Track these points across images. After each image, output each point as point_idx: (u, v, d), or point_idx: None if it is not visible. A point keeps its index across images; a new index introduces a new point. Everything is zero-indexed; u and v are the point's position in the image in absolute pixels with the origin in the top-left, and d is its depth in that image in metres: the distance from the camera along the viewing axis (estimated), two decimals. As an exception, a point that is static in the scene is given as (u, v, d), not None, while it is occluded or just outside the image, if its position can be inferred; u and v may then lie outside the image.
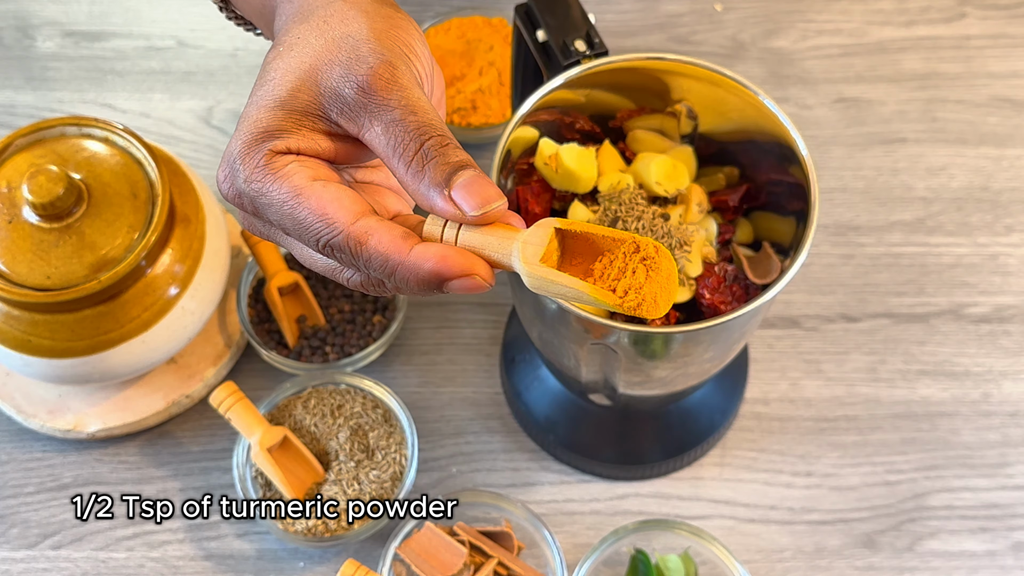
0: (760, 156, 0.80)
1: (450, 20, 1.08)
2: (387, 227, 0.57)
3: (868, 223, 1.02)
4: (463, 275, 0.56)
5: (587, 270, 0.56)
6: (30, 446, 0.94)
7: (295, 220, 0.57)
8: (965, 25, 1.12)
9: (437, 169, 0.56)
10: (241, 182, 0.58)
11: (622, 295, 0.55)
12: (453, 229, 0.57)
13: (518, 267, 0.56)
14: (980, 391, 0.95)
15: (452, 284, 0.57)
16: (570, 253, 0.57)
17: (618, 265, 0.56)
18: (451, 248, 0.56)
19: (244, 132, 0.58)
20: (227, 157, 0.58)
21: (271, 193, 0.57)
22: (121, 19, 1.13)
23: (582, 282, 0.55)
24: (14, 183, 0.84)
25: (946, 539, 0.89)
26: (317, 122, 0.58)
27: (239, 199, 0.59)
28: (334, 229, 0.56)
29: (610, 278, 0.56)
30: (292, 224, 0.57)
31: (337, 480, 0.88)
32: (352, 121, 0.58)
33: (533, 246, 0.56)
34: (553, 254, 0.56)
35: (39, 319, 0.84)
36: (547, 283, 0.55)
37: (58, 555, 0.89)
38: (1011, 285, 0.99)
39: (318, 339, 0.94)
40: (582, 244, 0.57)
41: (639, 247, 0.55)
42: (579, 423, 0.92)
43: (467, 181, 0.56)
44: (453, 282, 0.56)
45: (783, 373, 0.96)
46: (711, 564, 0.86)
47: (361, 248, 0.56)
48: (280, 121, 0.58)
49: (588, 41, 0.79)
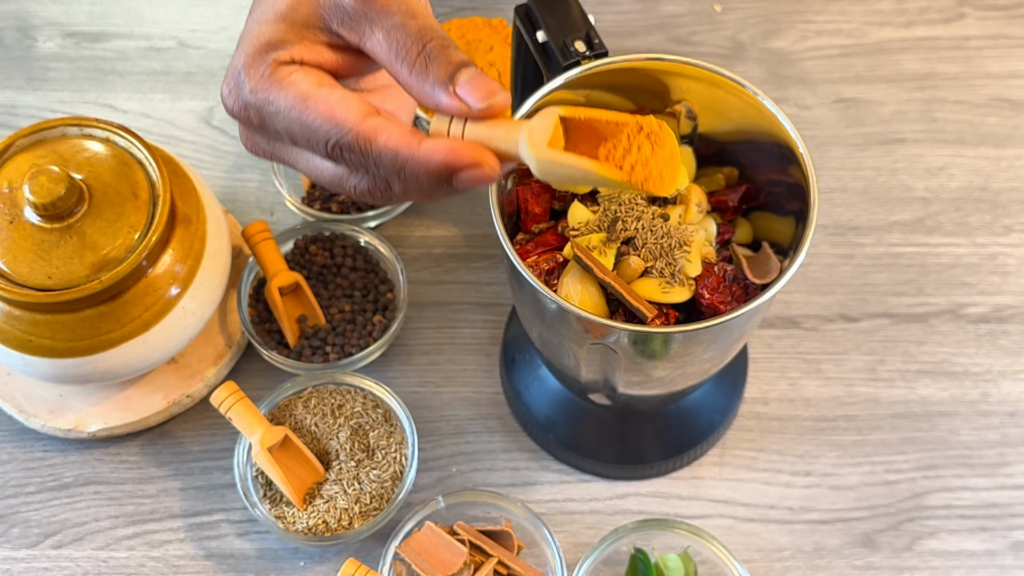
0: (759, 156, 0.80)
1: (450, 21, 1.08)
2: (396, 124, 0.58)
3: (867, 223, 1.02)
4: (472, 165, 0.57)
5: (593, 154, 0.57)
6: (31, 446, 0.94)
7: (303, 124, 0.57)
8: (964, 26, 1.12)
9: (441, 68, 0.57)
10: (247, 93, 0.58)
11: (629, 171, 0.56)
12: (459, 125, 0.58)
13: (524, 154, 0.56)
14: (979, 391, 0.95)
15: (462, 176, 0.57)
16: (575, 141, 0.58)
17: (623, 146, 0.56)
18: (459, 140, 0.57)
19: (247, 46, 0.58)
20: (231, 71, 0.59)
21: (277, 101, 0.57)
22: (122, 20, 1.13)
23: (589, 160, 0.55)
24: (15, 183, 0.84)
25: (945, 538, 0.90)
26: (318, 34, 0.59)
27: (244, 111, 0.59)
28: (343, 128, 0.57)
29: (616, 159, 0.56)
30: (300, 129, 0.57)
31: (338, 479, 0.89)
32: (353, 30, 0.59)
33: (539, 132, 0.56)
34: (559, 142, 0.57)
35: (40, 319, 0.85)
36: (555, 166, 0.56)
37: (59, 554, 0.90)
38: (1010, 285, 0.99)
39: (318, 339, 0.95)
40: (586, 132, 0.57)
41: (642, 126, 0.56)
42: (579, 423, 0.92)
43: (470, 77, 0.57)
44: (463, 174, 0.57)
45: (782, 373, 0.96)
46: (710, 563, 0.86)
47: (371, 145, 0.57)
48: (282, 33, 0.58)
49: (588, 42, 0.79)
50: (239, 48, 0.59)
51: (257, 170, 1.05)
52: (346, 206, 1.00)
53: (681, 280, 0.76)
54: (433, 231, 1.02)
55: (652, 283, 0.76)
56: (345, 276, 0.97)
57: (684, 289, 0.76)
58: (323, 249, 0.99)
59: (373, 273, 0.98)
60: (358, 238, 0.99)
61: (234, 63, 0.59)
